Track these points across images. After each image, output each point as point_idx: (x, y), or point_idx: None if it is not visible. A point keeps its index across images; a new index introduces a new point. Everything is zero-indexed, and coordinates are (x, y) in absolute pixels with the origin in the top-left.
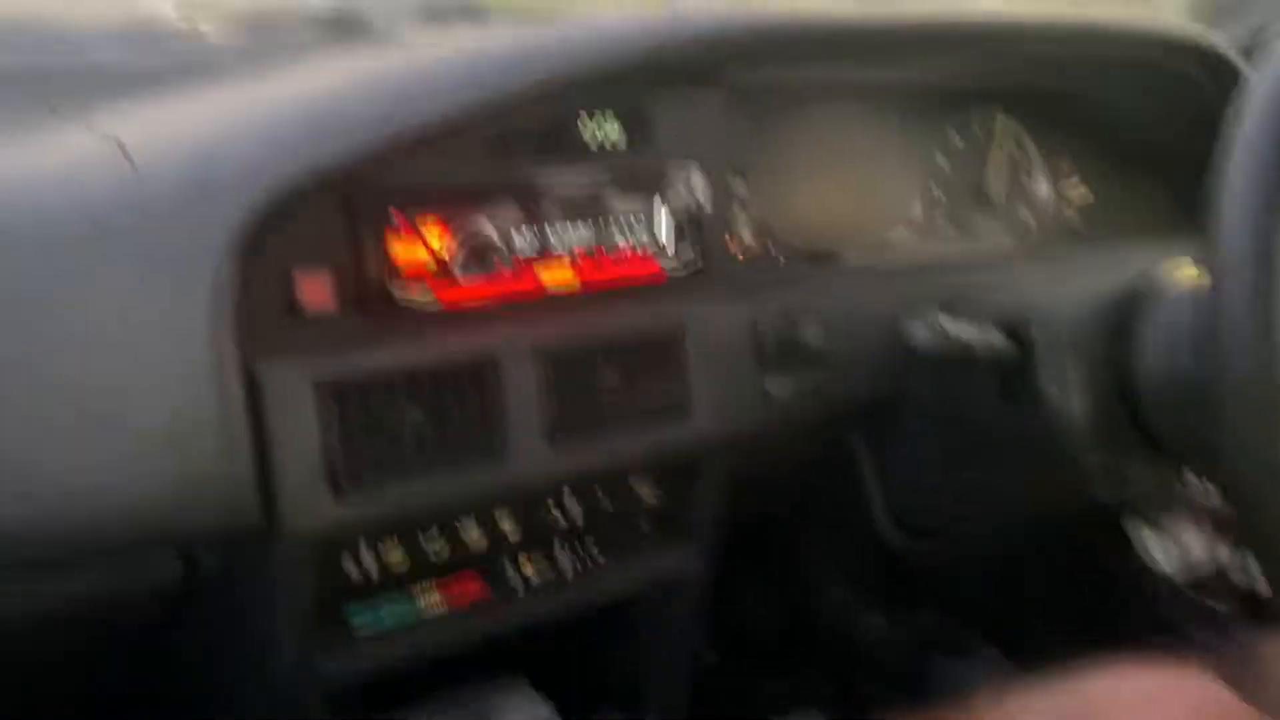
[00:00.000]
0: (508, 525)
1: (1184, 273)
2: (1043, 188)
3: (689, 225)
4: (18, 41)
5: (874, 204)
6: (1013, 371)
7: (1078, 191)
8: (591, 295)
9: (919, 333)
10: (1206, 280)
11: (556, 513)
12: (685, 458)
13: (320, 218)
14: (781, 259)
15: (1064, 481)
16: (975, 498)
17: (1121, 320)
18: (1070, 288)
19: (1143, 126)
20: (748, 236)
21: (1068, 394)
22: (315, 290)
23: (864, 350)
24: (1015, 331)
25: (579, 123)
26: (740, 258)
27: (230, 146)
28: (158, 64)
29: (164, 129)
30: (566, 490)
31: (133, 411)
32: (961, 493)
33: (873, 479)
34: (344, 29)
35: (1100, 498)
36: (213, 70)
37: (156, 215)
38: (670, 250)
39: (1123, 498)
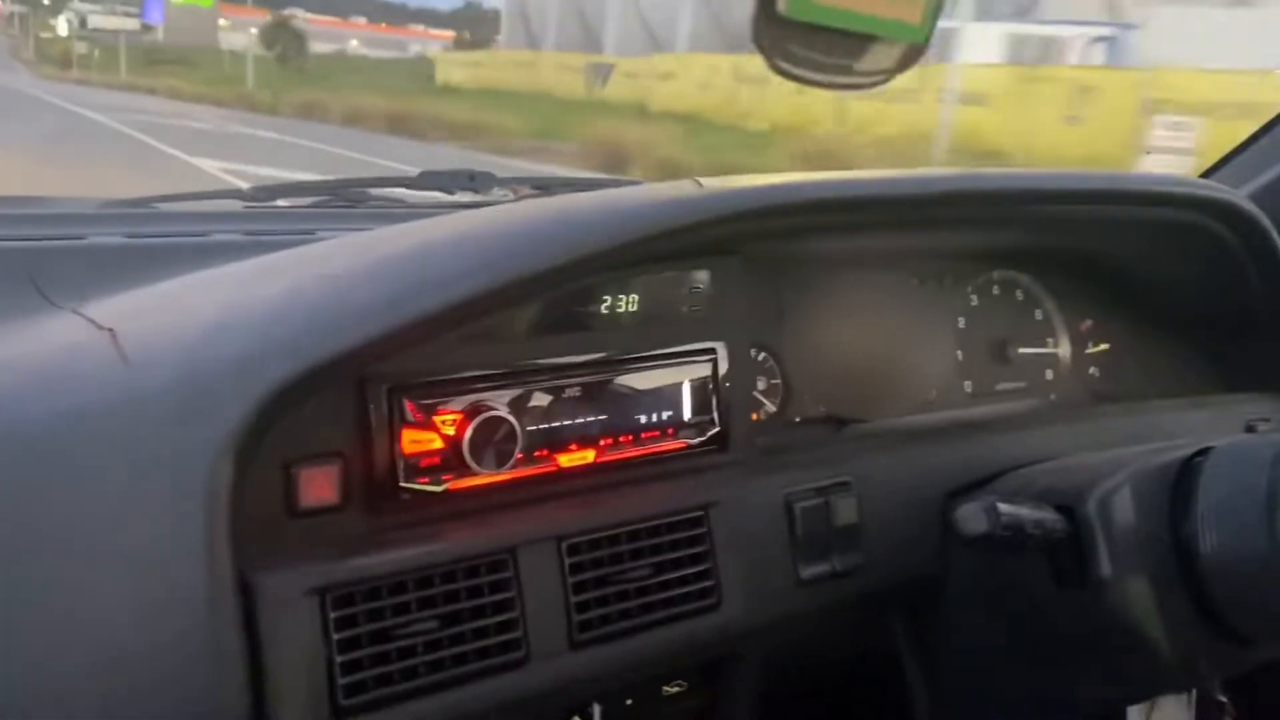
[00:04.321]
0: None
1: (1247, 444)
2: (1064, 348)
3: (709, 397)
4: (5, 217)
5: (896, 368)
6: (1066, 554)
7: (1099, 351)
8: (611, 473)
9: (971, 516)
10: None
11: None
12: (716, 651)
13: (325, 410)
14: (805, 426)
15: (1127, 672)
16: (1029, 695)
17: (1180, 496)
18: (1121, 461)
19: (1165, 284)
20: (770, 405)
21: (1126, 576)
22: (317, 487)
23: (901, 526)
24: (1068, 511)
25: (595, 298)
26: (763, 427)
27: (228, 340)
28: (153, 240)
29: (159, 320)
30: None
31: (118, 628)
32: (1013, 689)
33: (916, 675)
34: (344, 197)
35: (1167, 689)
36: (209, 246)
37: (148, 415)
38: (691, 422)
39: (1191, 687)
